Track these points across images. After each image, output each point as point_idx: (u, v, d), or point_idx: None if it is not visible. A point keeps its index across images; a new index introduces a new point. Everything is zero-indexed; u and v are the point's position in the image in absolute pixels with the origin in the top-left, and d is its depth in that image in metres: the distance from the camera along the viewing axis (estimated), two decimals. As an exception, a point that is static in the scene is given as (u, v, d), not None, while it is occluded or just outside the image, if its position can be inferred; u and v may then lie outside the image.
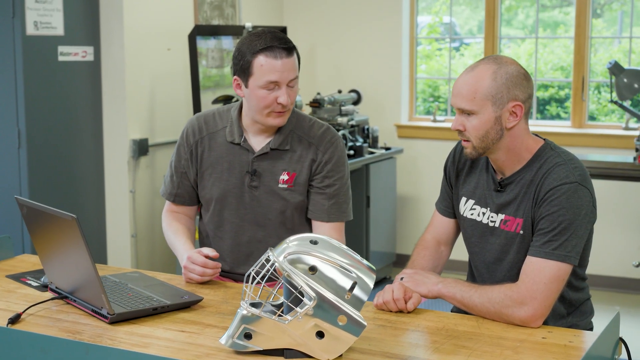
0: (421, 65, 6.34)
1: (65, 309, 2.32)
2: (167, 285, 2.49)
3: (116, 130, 4.99)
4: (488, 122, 2.28)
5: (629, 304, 5.18)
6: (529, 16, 6.19)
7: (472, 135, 2.30)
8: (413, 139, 6.10)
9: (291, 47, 2.58)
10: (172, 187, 2.82)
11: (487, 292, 2.22)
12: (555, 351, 2.00)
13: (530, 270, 2.20)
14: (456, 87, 2.32)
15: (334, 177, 2.69)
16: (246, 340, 1.96)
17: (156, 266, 5.17)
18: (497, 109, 2.27)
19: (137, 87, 5.01)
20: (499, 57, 2.32)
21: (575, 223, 2.21)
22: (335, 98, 5.50)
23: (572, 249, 2.20)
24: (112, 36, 4.92)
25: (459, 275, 2.68)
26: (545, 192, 2.25)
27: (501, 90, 2.26)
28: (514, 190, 2.34)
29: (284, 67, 2.55)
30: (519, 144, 2.33)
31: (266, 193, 2.68)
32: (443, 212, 2.60)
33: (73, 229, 2.15)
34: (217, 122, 2.76)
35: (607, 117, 5.93)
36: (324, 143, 2.69)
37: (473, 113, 2.28)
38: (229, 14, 5.78)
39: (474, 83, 2.27)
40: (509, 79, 2.26)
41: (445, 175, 2.59)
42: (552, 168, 2.27)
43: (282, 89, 2.56)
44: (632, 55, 5.70)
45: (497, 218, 2.38)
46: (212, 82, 5.53)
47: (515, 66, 2.29)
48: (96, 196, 5.02)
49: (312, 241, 1.97)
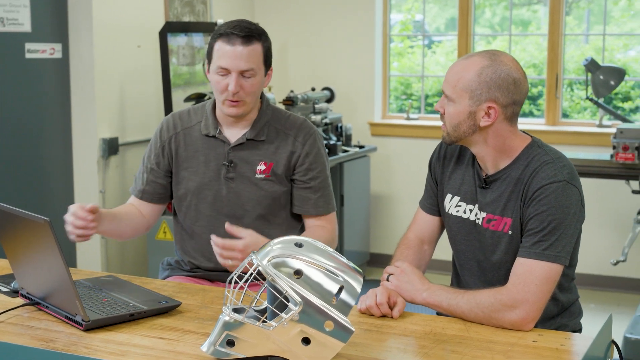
0: (393, 63, 6.29)
1: (37, 315, 2.22)
2: (143, 289, 2.40)
3: (85, 129, 4.89)
4: (461, 113, 2.24)
5: (606, 302, 5.18)
6: (496, 14, 6.18)
7: (447, 121, 2.28)
8: (386, 137, 6.05)
9: (250, 36, 2.53)
10: (140, 184, 2.76)
11: (475, 297, 2.15)
12: (547, 355, 1.95)
13: (520, 272, 2.14)
14: (448, 70, 2.29)
15: (317, 169, 2.68)
16: (229, 347, 1.88)
17: (127, 269, 5.08)
18: (472, 104, 2.22)
19: (106, 85, 4.91)
20: (498, 55, 2.25)
21: (565, 222, 2.16)
22: (309, 96, 5.44)
23: (562, 249, 2.15)
24: (80, 33, 4.81)
25: (442, 276, 2.62)
26: (533, 192, 2.19)
27: (481, 87, 2.21)
28: (500, 188, 2.28)
29: (236, 54, 2.52)
30: (501, 143, 2.27)
31: (243, 184, 2.65)
32: (427, 209, 2.53)
33: (45, 232, 2.06)
34: (191, 118, 2.73)
35: (580, 115, 5.92)
36: (302, 135, 2.67)
37: (451, 100, 2.25)
38: (200, 10, 5.69)
39: (460, 71, 2.24)
40: (494, 79, 2.20)
41: (430, 171, 2.53)
42: (539, 166, 2.22)
43: (232, 76, 2.52)
44: (605, 52, 5.69)
45: (480, 215, 2.33)
46: (182, 80, 5.43)
47: (508, 68, 2.22)
48: (65, 197, 4.91)
49: (297, 244, 1.90)
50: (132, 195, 2.78)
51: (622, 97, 5.87)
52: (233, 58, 2.52)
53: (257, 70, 2.56)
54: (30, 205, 4.21)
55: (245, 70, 2.53)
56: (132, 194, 2.77)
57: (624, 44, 5.94)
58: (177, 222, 2.78)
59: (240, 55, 2.52)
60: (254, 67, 2.54)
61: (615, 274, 5.37)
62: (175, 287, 2.50)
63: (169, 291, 2.44)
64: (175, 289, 2.47)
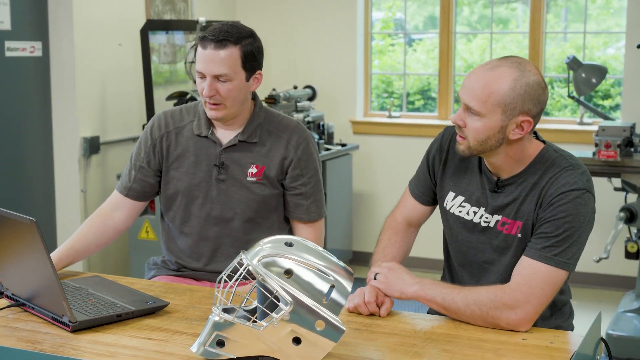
0: (374, 61, 6.29)
1: (22, 317, 2.20)
2: (129, 290, 2.38)
3: (66, 128, 4.85)
4: (492, 129, 2.13)
5: (588, 299, 5.20)
6: (474, 12, 6.19)
7: (472, 136, 2.16)
8: (368, 135, 6.05)
9: (224, 40, 2.49)
10: (127, 181, 2.71)
11: (472, 294, 2.11)
12: (537, 353, 1.95)
13: (527, 273, 2.09)
14: (470, 81, 2.15)
15: (308, 175, 2.66)
16: (219, 347, 1.87)
17: (109, 269, 5.04)
18: (505, 119, 2.12)
19: (87, 83, 4.87)
20: (524, 63, 2.15)
21: (579, 231, 2.12)
22: (291, 94, 5.43)
23: (572, 256, 2.12)
24: (61, 31, 4.77)
25: (433, 274, 2.60)
26: (553, 197, 2.13)
27: (516, 100, 2.11)
28: (514, 192, 2.22)
29: (208, 58, 2.50)
30: (519, 152, 2.21)
31: (234, 186, 2.62)
32: (417, 197, 2.47)
33: (32, 232, 2.03)
34: (183, 117, 2.70)
35: (560, 112, 5.95)
36: (295, 138, 2.63)
37: (479, 115, 2.13)
38: (181, 8, 5.66)
39: (490, 85, 2.11)
40: (527, 91, 2.11)
41: (428, 162, 2.43)
42: (560, 172, 2.16)
43: (207, 80, 2.51)
44: (585, 50, 5.72)
45: (492, 219, 2.26)
46: (163, 78, 5.41)
47: (537, 77, 2.14)
48: (46, 196, 4.87)
49: (287, 243, 1.89)
50: (116, 191, 2.72)
51: (602, 94, 5.91)
52: (206, 62, 2.50)
53: (232, 75, 2.50)
54: (10, 205, 4.17)
55: (219, 75, 2.50)
56: (116, 190, 2.72)
57: (604, 42, 5.97)
58: (164, 222, 2.75)
59: (212, 59, 2.49)
60: (228, 72, 2.50)
61: (597, 270, 5.40)
62: (162, 287, 2.48)
63: (156, 291, 2.42)
64: (162, 289, 2.45)
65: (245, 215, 2.63)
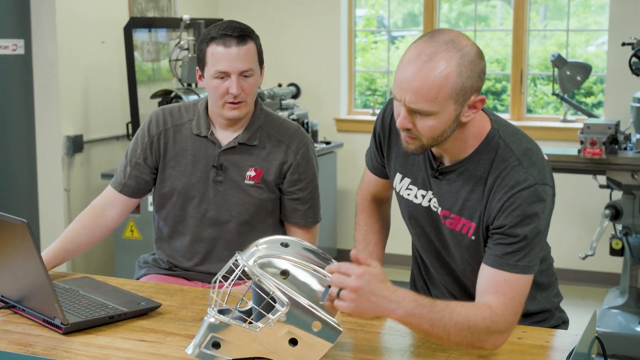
0: (357, 59, 6.28)
1: (13, 319, 2.17)
2: (121, 291, 2.36)
3: (49, 127, 4.80)
4: (447, 121, 1.92)
5: (573, 295, 5.22)
6: (453, 9, 6.20)
7: (425, 135, 1.94)
8: (352, 132, 6.04)
9: (245, 36, 2.49)
10: (122, 177, 2.67)
11: (467, 320, 1.86)
12: (533, 352, 1.95)
13: (508, 290, 1.92)
14: (409, 81, 1.88)
15: (307, 180, 2.64)
16: (214, 349, 1.85)
17: (93, 269, 5.00)
18: (458, 107, 1.92)
19: (70, 81, 4.83)
20: (456, 39, 1.91)
21: (539, 228, 1.95)
22: (275, 92, 5.41)
23: (535, 256, 1.98)
24: (43, 28, 4.72)
25: (403, 269, 2.52)
26: (503, 201, 1.95)
27: (466, 84, 1.89)
28: (456, 183, 2.04)
29: (233, 56, 2.47)
30: (469, 131, 2.01)
31: (231, 189, 2.59)
32: (374, 171, 2.34)
33: (23, 234, 2.01)
34: (182, 115, 2.66)
35: (543, 110, 5.97)
36: (295, 143, 2.61)
37: (430, 114, 1.90)
38: (164, 6, 5.63)
39: (437, 79, 1.87)
40: (472, 69, 1.90)
41: (375, 139, 2.28)
42: (507, 171, 1.97)
43: (232, 78, 2.48)
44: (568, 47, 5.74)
45: (438, 207, 2.10)
46: (145, 76, 5.38)
47: (473, 48, 1.92)
48: (29, 196, 4.82)
49: (282, 244, 1.88)
50: (110, 187, 2.68)
51: (585, 92, 5.93)
52: (231, 60, 2.47)
53: (254, 70, 2.51)
54: (-6, 205, 4.14)
55: (245, 71, 2.48)
56: (110, 186, 2.69)
57: (586, 40, 6.00)
58: (156, 220, 2.73)
59: (237, 56, 2.47)
60: (252, 67, 2.50)
61: (581, 267, 5.43)
62: (153, 288, 2.46)
63: (147, 292, 2.40)
64: (153, 290, 2.43)
65: (241, 218, 2.61)
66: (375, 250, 2.39)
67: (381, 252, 2.42)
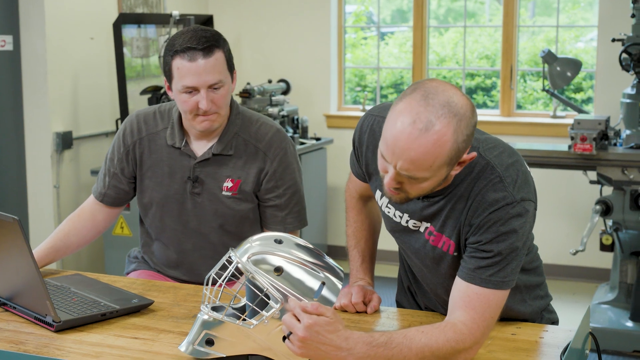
0: (347, 55, 6.27)
1: (4, 317, 2.16)
2: (112, 288, 2.35)
3: (38, 123, 4.78)
4: (438, 181, 1.88)
5: (562, 291, 5.24)
6: (441, 5, 6.20)
7: (415, 193, 1.90)
8: (342, 128, 6.03)
9: (210, 46, 2.33)
10: (102, 187, 2.62)
11: (428, 346, 1.82)
12: (527, 348, 1.95)
13: (478, 305, 1.89)
14: (403, 150, 1.80)
15: (284, 186, 2.52)
16: (208, 346, 1.85)
17: (83, 265, 4.98)
18: (451, 168, 1.86)
19: (59, 77, 4.80)
20: (450, 99, 1.81)
21: (515, 244, 1.91)
22: (265, 88, 5.39)
23: (512, 271, 1.94)
24: (32, 24, 4.70)
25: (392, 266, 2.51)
26: (481, 219, 1.92)
27: (460, 148, 1.83)
28: (439, 203, 2.00)
29: (200, 69, 2.32)
30: None
31: (209, 200, 2.51)
32: (357, 175, 2.29)
33: (14, 231, 2.00)
34: (157, 122, 2.55)
35: (533, 106, 5.98)
36: (272, 150, 2.49)
37: (425, 179, 1.85)
38: (153, 2, 5.60)
39: (433, 150, 1.79)
40: (467, 132, 1.82)
41: (354, 150, 2.23)
42: (486, 188, 1.92)
43: (202, 93, 2.34)
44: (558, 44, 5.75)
45: (421, 225, 2.06)
46: (135, 72, 5.35)
47: (466, 102, 1.84)
48: (18, 193, 4.80)
49: (276, 240, 1.87)
50: (92, 195, 2.65)
51: (575, 88, 5.94)
52: (198, 74, 2.32)
53: (224, 80, 2.38)
54: (-17, 202, 4.11)
55: (214, 84, 2.35)
56: (93, 195, 2.65)
57: (575, 35, 6.01)
58: (143, 226, 2.68)
59: (205, 69, 2.32)
60: (221, 78, 2.36)
61: (571, 263, 5.44)
62: (145, 285, 2.45)
63: (139, 289, 2.39)
64: (145, 287, 2.42)
65: (223, 229, 2.53)
66: (367, 247, 2.38)
67: (373, 248, 2.40)
